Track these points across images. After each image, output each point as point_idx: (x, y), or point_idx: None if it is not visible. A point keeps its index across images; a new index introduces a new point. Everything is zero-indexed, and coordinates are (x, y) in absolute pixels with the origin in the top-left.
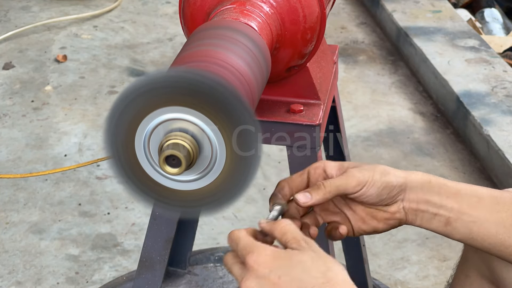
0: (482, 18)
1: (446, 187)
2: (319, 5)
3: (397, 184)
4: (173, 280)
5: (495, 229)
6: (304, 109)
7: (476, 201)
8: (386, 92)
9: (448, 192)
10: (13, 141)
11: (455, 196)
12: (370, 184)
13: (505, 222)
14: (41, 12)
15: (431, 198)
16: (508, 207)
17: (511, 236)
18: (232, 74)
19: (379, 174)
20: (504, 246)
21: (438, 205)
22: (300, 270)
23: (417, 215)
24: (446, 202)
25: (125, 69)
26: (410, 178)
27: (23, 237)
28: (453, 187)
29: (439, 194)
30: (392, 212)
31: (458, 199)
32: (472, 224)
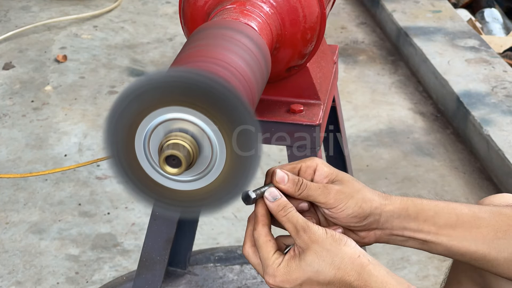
0: (482, 18)
1: (423, 211)
2: (319, 5)
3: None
4: (173, 280)
5: (474, 245)
6: (304, 109)
7: (455, 220)
8: (386, 92)
9: (426, 216)
10: (13, 141)
11: (433, 218)
12: (340, 209)
13: (485, 238)
14: (41, 12)
15: (408, 225)
16: (488, 221)
17: (491, 251)
18: (232, 74)
19: (355, 201)
20: (485, 260)
21: (415, 230)
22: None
23: (389, 239)
24: (423, 227)
25: (125, 69)
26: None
27: (23, 237)
28: (431, 209)
29: (416, 219)
30: (361, 236)
31: (436, 220)
32: (451, 243)
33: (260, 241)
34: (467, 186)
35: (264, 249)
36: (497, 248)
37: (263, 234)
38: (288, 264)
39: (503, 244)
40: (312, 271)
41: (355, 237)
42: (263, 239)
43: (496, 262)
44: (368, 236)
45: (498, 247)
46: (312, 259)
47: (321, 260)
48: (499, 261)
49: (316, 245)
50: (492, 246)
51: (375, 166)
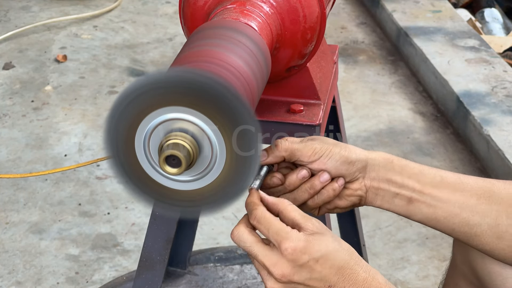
0: (482, 18)
1: (408, 167)
2: (319, 5)
3: (356, 160)
4: (173, 280)
5: (458, 208)
6: (304, 109)
7: (439, 181)
8: (386, 92)
9: (410, 172)
10: (13, 141)
11: (418, 176)
12: (326, 156)
13: (468, 201)
14: (41, 12)
15: (393, 177)
16: (471, 186)
17: (474, 215)
18: (232, 74)
19: (338, 148)
20: (468, 226)
21: (400, 185)
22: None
23: (377, 193)
24: (408, 182)
25: (125, 69)
26: (371, 156)
27: (23, 237)
28: (415, 167)
29: (401, 174)
30: (353, 188)
31: (421, 178)
32: (435, 203)
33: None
34: None
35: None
36: (480, 213)
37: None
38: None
39: (486, 209)
40: (332, 249)
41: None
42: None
43: (480, 229)
44: (360, 188)
45: (481, 211)
46: (332, 240)
47: (339, 243)
48: (482, 227)
49: (330, 232)
50: (475, 210)
51: None
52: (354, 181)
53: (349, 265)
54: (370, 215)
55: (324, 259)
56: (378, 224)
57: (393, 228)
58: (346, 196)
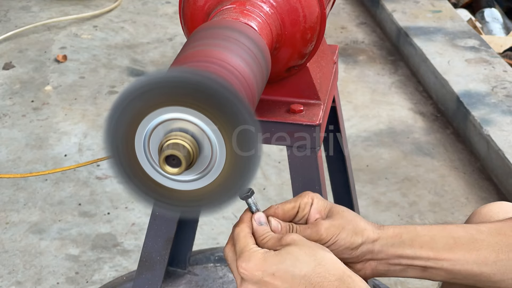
0: (482, 18)
1: (418, 237)
2: (319, 5)
3: (362, 244)
4: (173, 280)
5: (477, 268)
6: (304, 109)
7: (453, 243)
8: (386, 92)
9: (421, 242)
10: (13, 141)
11: (429, 243)
12: (331, 242)
13: (487, 260)
14: (41, 12)
15: (403, 252)
16: (487, 242)
17: (496, 273)
18: (232, 74)
19: (346, 233)
20: (491, 282)
21: (412, 257)
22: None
23: (388, 269)
24: (420, 253)
25: (125, 69)
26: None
27: (23, 237)
28: (426, 235)
29: (412, 246)
30: (357, 269)
31: (433, 245)
32: (452, 267)
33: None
34: (467, 186)
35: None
36: (501, 270)
37: (246, 231)
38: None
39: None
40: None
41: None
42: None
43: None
44: (364, 268)
45: (502, 268)
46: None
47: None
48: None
49: (300, 240)
50: (496, 267)
51: (375, 166)
52: (358, 263)
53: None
54: (370, 215)
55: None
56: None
57: None
58: None
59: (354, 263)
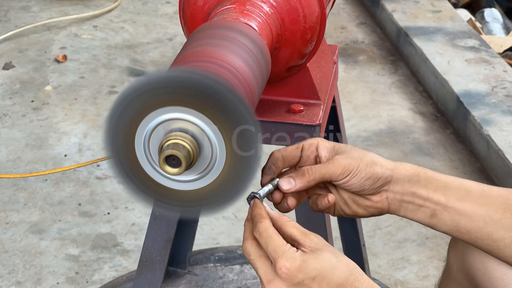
0: (482, 18)
1: (434, 180)
2: (319, 5)
3: (382, 176)
4: (173, 280)
5: (482, 222)
6: (304, 109)
7: (464, 194)
8: (386, 92)
9: (436, 185)
10: (13, 141)
11: (443, 189)
12: (354, 174)
13: (493, 215)
14: (41, 12)
15: (418, 190)
16: (496, 199)
17: (499, 229)
18: (232, 74)
19: (365, 164)
20: (491, 240)
21: (425, 198)
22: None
23: (401, 205)
24: (433, 195)
25: (125, 69)
26: (397, 170)
27: (23, 237)
28: (441, 180)
29: (426, 187)
30: (374, 201)
31: (446, 191)
32: (459, 217)
33: (270, 231)
34: None
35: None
36: (505, 227)
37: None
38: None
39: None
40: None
41: (368, 202)
42: (272, 230)
43: (503, 243)
44: (381, 200)
45: (506, 226)
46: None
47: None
48: (505, 241)
49: (329, 247)
50: (500, 224)
51: None
52: (376, 194)
53: (348, 282)
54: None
55: (320, 277)
56: (378, 224)
57: (393, 228)
58: (366, 207)
59: (371, 194)
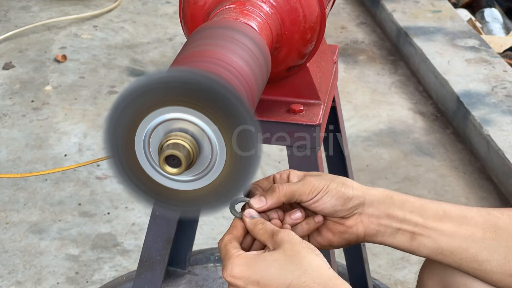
0: (482, 18)
1: (408, 202)
2: (319, 5)
3: (353, 196)
4: (173, 280)
5: (465, 243)
6: (304, 109)
7: (442, 214)
8: (386, 92)
9: (412, 206)
10: (13, 141)
11: (419, 210)
12: (324, 192)
13: (474, 236)
14: (41, 12)
15: (393, 212)
16: (476, 219)
17: (482, 250)
18: (232, 74)
19: (335, 184)
20: (477, 263)
21: (401, 219)
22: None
23: (378, 230)
24: (410, 217)
25: (125, 69)
26: (369, 191)
27: (23, 237)
28: (416, 202)
29: (402, 208)
30: (348, 225)
31: (423, 212)
32: (440, 238)
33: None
34: (467, 186)
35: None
36: (488, 248)
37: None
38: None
39: (493, 244)
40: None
41: (342, 227)
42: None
43: (489, 266)
44: (355, 224)
45: (489, 247)
46: (279, 256)
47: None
48: (491, 264)
49: (288, 244)
50: (483, 245)
51: (375, 166)
52: (350, 217)
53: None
54: None
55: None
56: None
57: None
58: (340, 233)
59: (346, 217)
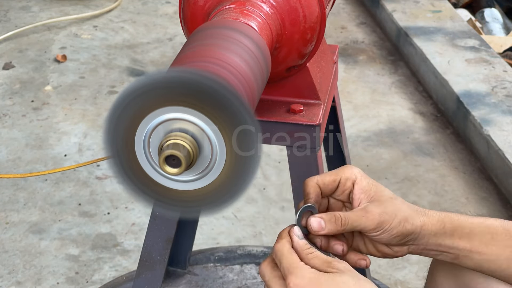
0: (482, 18)
1: (460, 227)
2: (319, 5)
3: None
4: (173, 280)
5: (506, 263)
6: (304, 109)
7: (490, 238)
8: (386, 92)
9: (461, 233)
10: (13, 141)
11: (468, 235)
12: (385, 230)
13: None
14: (41, 12)
15: (443, 242)
16: None
17: None
18: (232, 74)
19: (398, 221)
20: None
21: (449, 247)
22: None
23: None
24: (457, 244)
25: (125, 69)
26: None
27: (23, 237)
28: (467, 227)
29: (452, 236)
30: (395, 251)
31: (471, 238)
32: (482, 261)
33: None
34: (467, 186)
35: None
36: None
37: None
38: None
39: None
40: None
41: (389, 251)
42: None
43: None
44: (401, 251)
45: None
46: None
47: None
48: None
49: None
50: None
51: (375, 166)
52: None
53: None
54: None
55: None
56: None
57: None
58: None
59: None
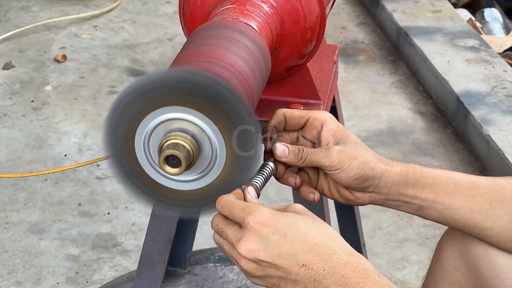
0: (482, 18)
1: (423, 178)
2: (319, 5)
3: (370, 178)
4: (173, 280)
5: (469, 214)
6: (304, 109)
7: (453, 188)
8: (386, 92)
9: (424, 183)
10: (13, 141)
11: (431, 185)
12: (342, 170)
13: (480, 207)
14: (41, 12)
15: (405, 191)
16: (484, 190)
17: (486, 220)
18: (232, 74)
19: (357, 164)
20: (479, 229)
21: (411, 196)
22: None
23: (384, 203)
24: (420, 193)
25: (125, 69)
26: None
27: (23, 237)
28: (430, 177)
29: (415, 186)
30: (356, 196)
31: (434, 188)
32: (446, 211)
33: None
34: None
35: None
36: (492, 218)
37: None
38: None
39: (497, 214)
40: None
41: (350, 196)
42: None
43: (490, 232)
44: (363, 198)
45: (493, 216)
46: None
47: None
48: (493, 231)
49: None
50: (487, 215)
51: None
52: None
53: (326, 245)
54: (370, 215)
55: (294, 234)
56: (378, 224)
57: (393, 228)
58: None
59: (356, 191)
